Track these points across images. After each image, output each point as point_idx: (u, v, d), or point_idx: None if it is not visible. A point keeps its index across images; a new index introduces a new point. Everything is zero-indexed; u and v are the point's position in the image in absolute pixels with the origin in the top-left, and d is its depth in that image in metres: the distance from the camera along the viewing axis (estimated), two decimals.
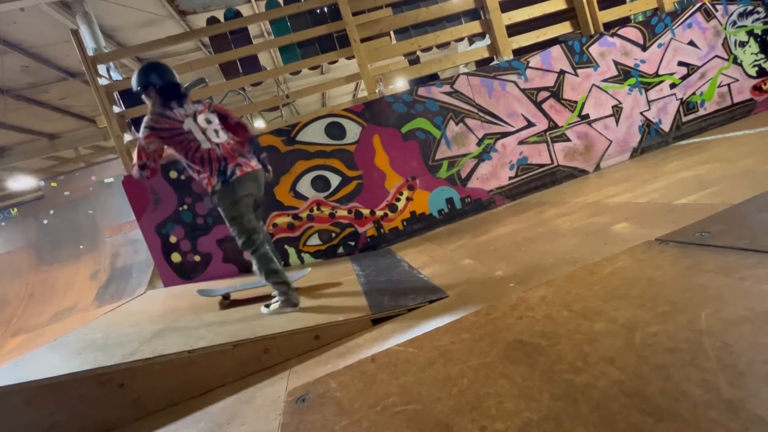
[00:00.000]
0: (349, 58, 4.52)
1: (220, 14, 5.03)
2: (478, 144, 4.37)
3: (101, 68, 4.24)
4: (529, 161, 4.48)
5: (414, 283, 2.59)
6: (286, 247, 4.05)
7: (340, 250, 4.12)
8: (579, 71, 4.57)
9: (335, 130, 4.14)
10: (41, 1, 5.25)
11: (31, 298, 6.89)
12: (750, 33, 4.98)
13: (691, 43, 4.83)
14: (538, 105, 4.49)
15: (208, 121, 2.45)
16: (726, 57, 4.90)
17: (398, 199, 4.22)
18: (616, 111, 4.65)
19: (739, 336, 1.07)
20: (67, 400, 1.80)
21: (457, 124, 4.33)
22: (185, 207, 3.93)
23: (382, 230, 4.19)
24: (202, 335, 2.13)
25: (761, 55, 5.00)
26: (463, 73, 4.39)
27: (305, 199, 4.08)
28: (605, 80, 4.62)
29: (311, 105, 14.48)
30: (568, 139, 4.55)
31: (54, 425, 1.77)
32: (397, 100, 4.23)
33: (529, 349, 1.31)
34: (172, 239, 3.93)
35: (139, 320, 2.93)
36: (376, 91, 4.37)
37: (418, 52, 4.75)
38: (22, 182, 11.55)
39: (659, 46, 4.75)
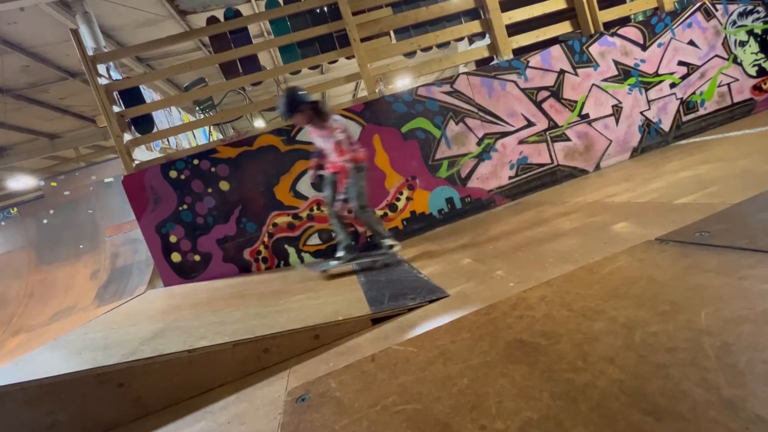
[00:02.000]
0: (349, 58, 4.52)
1: (220, 14, 5.03)
2: (478, 144, 4.37)
3: (101, 68, 4.23)
4: (529, 161, 4.47)
5: (414, 283, 2.59)
6: (286, 246, 4.05)
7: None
8: (579, 71, 4.57)
9: None
10: (41, 0, 5.25)
11: (31, 298, 6.89)
12: (750, 32, 4.98)
13: (691, 43, 4.83)
14: (538, 104, 4.49)
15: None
16: (726, 56, 4.90)
17: (398, 199, 4.22)
18: (616, 110, 4.65)
19: (739, 335, 1.07)
20: (67, 399, 1.80)
21: (457, 123, 4.33)
22: (185, 207, 3.93)
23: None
24: (202, 335, 2.13)
25: (761, 55, 5.00)
26: (463, 73, 4.39)
27: (305, 198, 4.08)
28: (605, 80, 4.62)
29: None
30: (568, 139, 4.55)
31: (54, 425, 1.77)
32: (397, 100, 4.23)
33: (529, 349, 1.31)
34: (172, 239, 3.93)
35: (139, 320, 2.93)
36: (376, 90, 4.37)
37: (419, 51, 4.75)
38: (22, 182, 11.56)
39: (659, 45, 4.75)
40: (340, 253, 3.28)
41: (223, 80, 4.58)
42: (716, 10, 4.90)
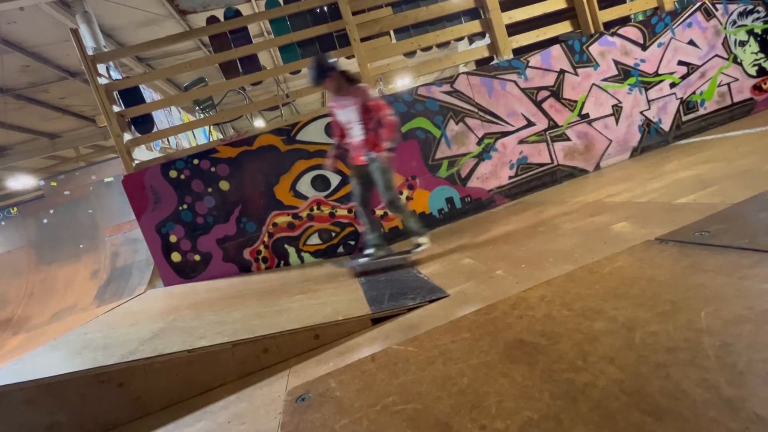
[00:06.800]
0: (349, 58, 4.52)
1: (219, 13, 5.02)
2: (478, 143, 4.37)
3: (101, 67, 4.23)
4: (529, 161, 4.47)
5: (414, 283, 2.59)
6: (286, 246, 4.05)
7: (340, 249, 4.12)
8: (579, 70, 4.57)
9: None
10: (41, 0, 5.25)
11: (31, 298, 6.89)
12: (750, 32, 4.98)
13: (691, 43, 4.83)
14: (538, 104, 4.49)
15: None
16: (726, 56, 4.90)
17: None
18: (616, 110, 4.65)
19: (739, 335, 1.07)
20: (66, 399, 1.80)
21: (457, 123, 4.33)
22: (185, 206, 3.93)
23: (382, 229, 4.18)
24: (201, 334, 2.13)
25: (761, 55, 4.99)
26: (463, 73, 4.39)
27: (305, 198, 4.08)
28: (605, 79, 4.62)
29: (311, 104, 14.49)
30: (568, 139, 4.55)
31: (53, 424, 1.77)
32: (397, 100, 4.23)
33: (529, 349, 1.31)
34: (172, 238, 3.93)
35: (139, 319, 2.93)
36: (376, 90, 4.37)
37: (419, 51, 4.75)
38: (21, 181, 11.57)
39: (659, 45, 4.75)
40: (369, 251, 3.22)
41: (223, 80, 4.58)
42: (716, 9, 4.89)
